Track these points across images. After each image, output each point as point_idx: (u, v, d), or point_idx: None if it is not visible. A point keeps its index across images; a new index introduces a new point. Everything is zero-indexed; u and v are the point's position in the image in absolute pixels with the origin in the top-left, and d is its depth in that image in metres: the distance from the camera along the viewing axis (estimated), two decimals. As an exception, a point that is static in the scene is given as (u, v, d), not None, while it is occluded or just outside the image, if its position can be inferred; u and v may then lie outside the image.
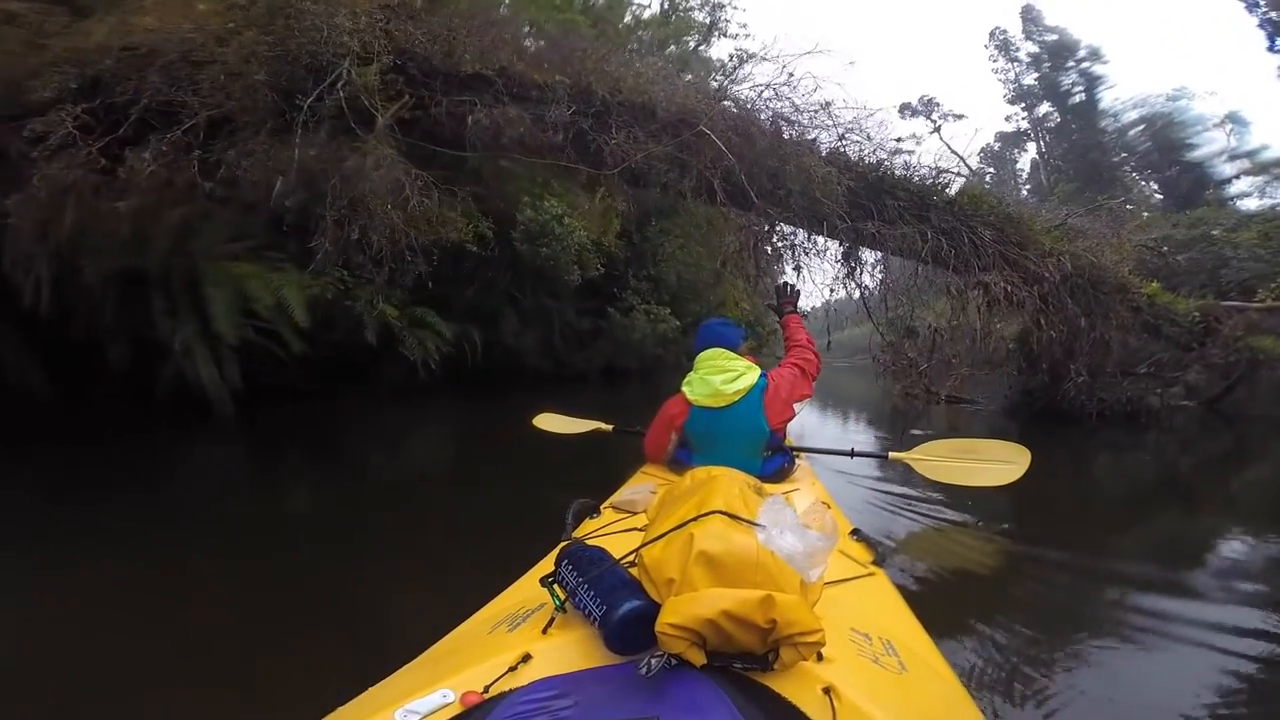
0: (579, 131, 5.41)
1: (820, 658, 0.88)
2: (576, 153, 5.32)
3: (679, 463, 2.31)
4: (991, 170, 46.76)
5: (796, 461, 2.55)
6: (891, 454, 3.15)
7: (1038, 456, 3.09)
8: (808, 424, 9.95)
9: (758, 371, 2.28)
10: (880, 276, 7.01)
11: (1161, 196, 35.22)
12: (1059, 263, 6.75)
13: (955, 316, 6.96)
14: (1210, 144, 34.74)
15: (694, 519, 0.95)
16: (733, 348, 2.35)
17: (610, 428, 3.42)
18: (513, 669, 0.87)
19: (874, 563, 1.61)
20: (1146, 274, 9.30)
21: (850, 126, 6.14)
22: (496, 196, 10.65)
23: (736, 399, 2.18)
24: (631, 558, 1.00)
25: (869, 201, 5.91)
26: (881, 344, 11.03)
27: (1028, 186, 45.49)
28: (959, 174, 6.53)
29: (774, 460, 2.32)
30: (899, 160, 6.08)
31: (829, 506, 1.97)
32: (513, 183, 10.34)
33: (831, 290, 6.49)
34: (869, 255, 6.64)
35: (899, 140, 6.39)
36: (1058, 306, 6.97)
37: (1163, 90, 36.58)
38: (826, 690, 0.82)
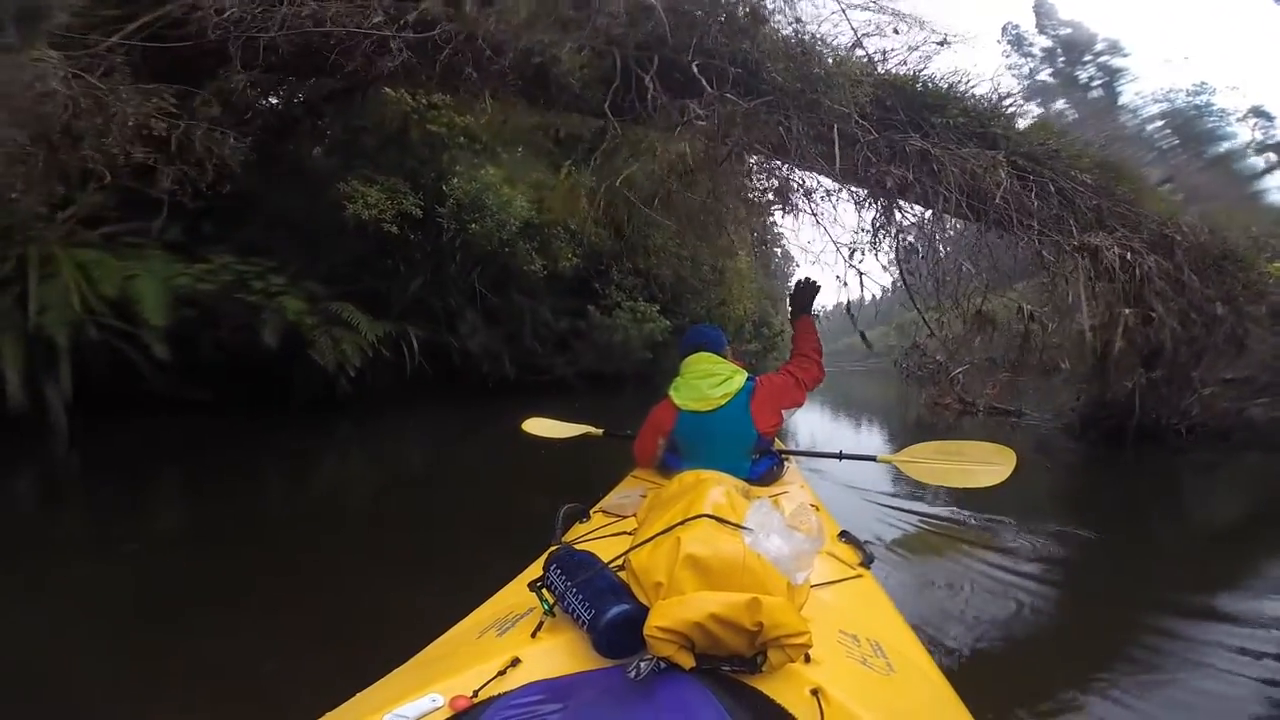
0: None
1: (808, 659, 0.83)
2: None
3: (668, 467, 2.16)
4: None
5: (786, 464, 2.37)
6: (880, 456, 2.99)
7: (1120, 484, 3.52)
8: (818, 430, 8.61)
9: (744, 375, 2.16)
10: (926, 228, 4.37)
11: (1182, 196, 32.57)
12: (1191, 227, 4.20)
13: (1048, 297, 4.44)
14: (1234, 139, 32.27)
15: (681, 523, 0.89)
16: (718, 351, 2.24)
17: (600, 431, 3.21)
18: (502, 673, 0.82)
19: (862, 564, 1.49)
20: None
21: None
22: (428, 169, 8.35)
23: (724, 402, 2.07)
24: (620, 561, 0.96)
25: (906, 114, 3.42)
26: (919, 339, 8.73)
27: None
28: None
29: (762, 463, 2.16)
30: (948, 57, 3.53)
31: (818, 509, 1.89)
32: (445, 152, 8.01)
33: (853, 254, 3.92)
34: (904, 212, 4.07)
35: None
36: (1178, 289, 4.43)
37: (1183, 85, 33.96)
38: (814, 692, 0.78)
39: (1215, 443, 5.92)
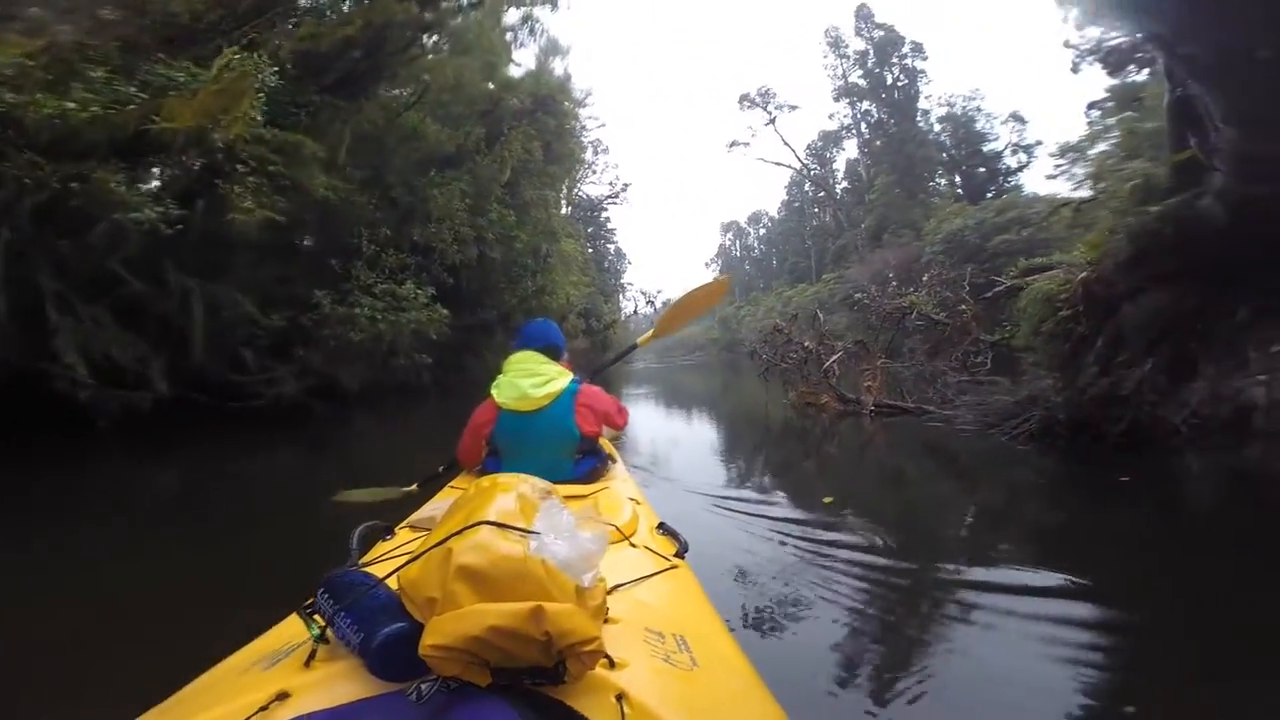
0: None
1: (612, 664, 0.76)
2: None
3: (488, 471, 1.92)
4: (816, 168, 45.17)
5: (611, 462, 2.20)
6: (640, 340, 2.97)
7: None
8: (675, 451, 5.99)
9: (570, 377, 1.98)
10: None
11: (962, 191, 35.48)
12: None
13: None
14: (998, 139, 35.69)
15: (457, 533, 0.78)
16: (552, 352, 2.03)
17: (414, 487, 2.45)
18: (264, 709, 0.70)
19: (677, 555, 1.38)
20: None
21: None
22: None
23: (546, 403, 1.90)
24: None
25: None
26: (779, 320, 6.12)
27: (844, 183, 44.62)
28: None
29: (585, 462, 1.99)
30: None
31: (638, 502, 1.74)
32: None
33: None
34: None
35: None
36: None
37: (966, 89, 36.97)
38: (619, 697, 0.72)
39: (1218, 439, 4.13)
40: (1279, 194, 2.63)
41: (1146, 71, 21.59)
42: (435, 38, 11.37)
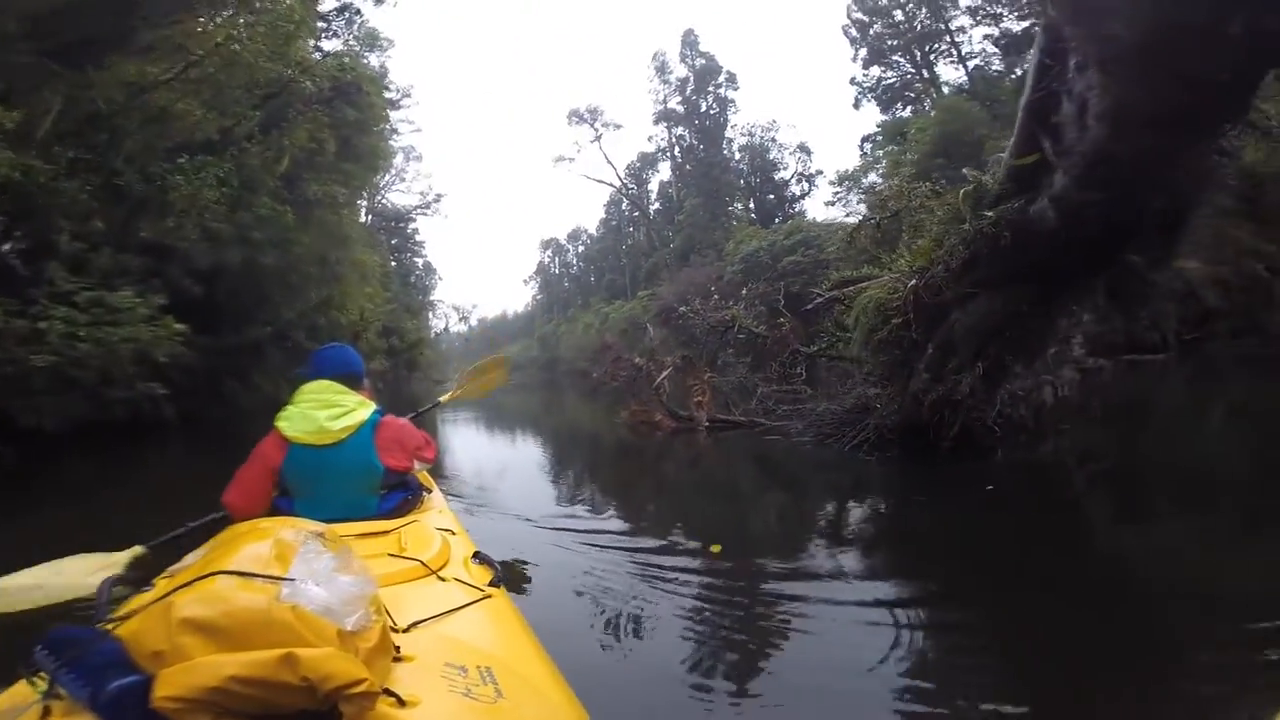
0: None
1: (402, 703, 0.76)
2: None
3: (279, 512, 1.71)
4: (634, 188, 46.59)
5: (426, 493, 2.12)
6: (441, 398, 3.21)
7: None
8: (493, 481, 5.42)
9: (371, 407, 1.85)
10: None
11: (755, 215, 38.60)
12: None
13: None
14: (788, 169, 39.39)
15: (187, 584, 0.76)
16: (351, 381, 1.88)
17: (141, 550, 1.76)
18: None
19: (492, 583, 1.40)
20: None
21: None
22: None
23: (345, 436, 1.76)
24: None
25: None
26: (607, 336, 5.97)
27: (657, 204, 46.52)
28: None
29: (393, 497, 1.88)
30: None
31: (453, 533, 1.76)
32: None
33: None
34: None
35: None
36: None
37: (764, 120, 40.42)
38: None
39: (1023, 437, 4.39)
40: (1109, 199, 2.76)
41: (909, 109, 25.61)
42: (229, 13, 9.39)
